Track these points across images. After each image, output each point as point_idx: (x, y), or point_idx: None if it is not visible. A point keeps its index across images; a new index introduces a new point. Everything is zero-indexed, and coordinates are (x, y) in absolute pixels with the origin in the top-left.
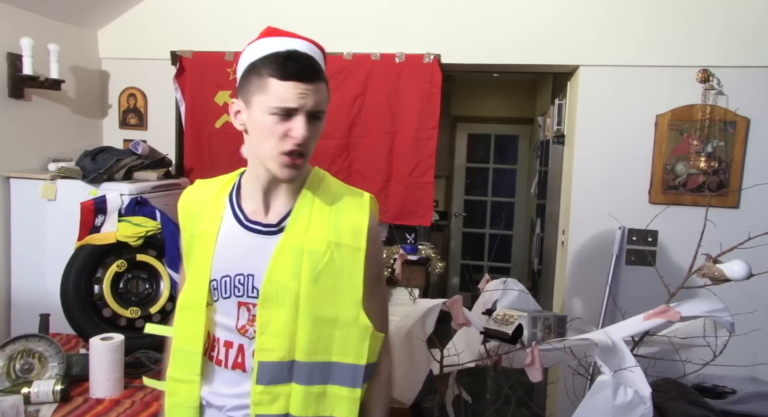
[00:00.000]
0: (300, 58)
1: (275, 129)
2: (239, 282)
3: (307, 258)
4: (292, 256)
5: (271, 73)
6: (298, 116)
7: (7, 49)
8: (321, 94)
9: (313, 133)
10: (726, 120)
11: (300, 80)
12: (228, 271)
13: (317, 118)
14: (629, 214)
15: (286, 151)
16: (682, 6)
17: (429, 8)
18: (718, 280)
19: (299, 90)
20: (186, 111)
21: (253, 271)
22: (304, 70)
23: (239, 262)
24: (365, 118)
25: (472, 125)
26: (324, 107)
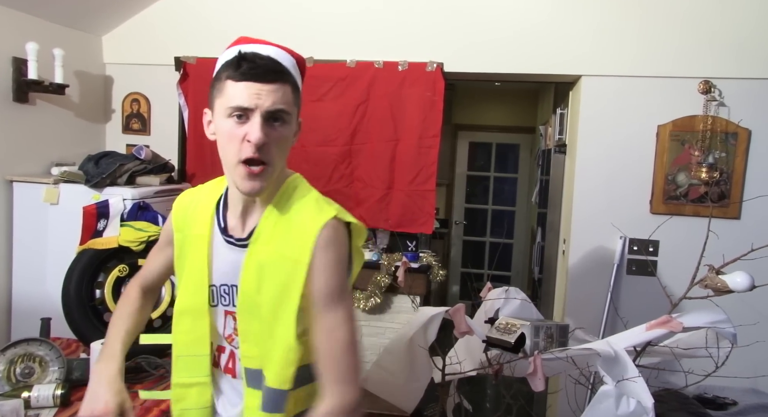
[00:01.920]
0: (255, 59)
1: (233, 133)
2: (224, 292)
3: (267, 271)
4: (255, 270)
5: (227, 75)
6: (254, 117)
7: (12, 54)
8: (282, 95)
9: (273, 138)
10: (727, 131)
11: (254, 80)
12: (215, 281)
13: (279, 120)
14: (630, 223)
15: (244, 159)
16: (685, 18)
17: (432, 17)
18: (720, 291)
19: (254, 90)
20: (189, 116)
21: (235, 282)
22: (257, 69)
23: (224, 273)
24: (368, 126)
25: (474, 133)
26: (288, 108)
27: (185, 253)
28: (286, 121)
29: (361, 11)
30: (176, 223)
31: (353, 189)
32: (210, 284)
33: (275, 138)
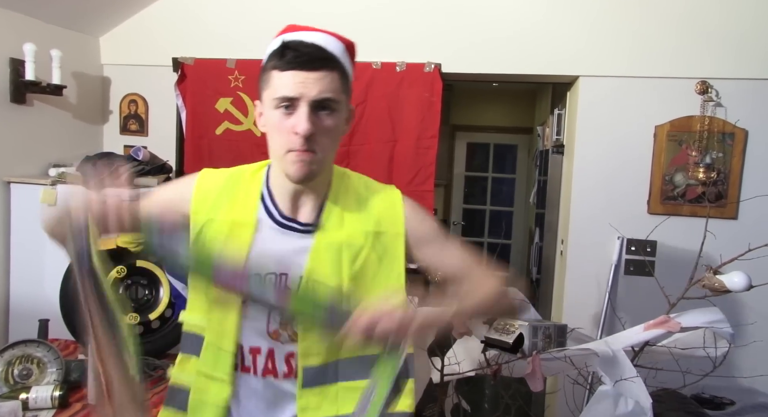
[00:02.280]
0: (300, 47)
1: (281, 125)
2: (270, 282)
3: (346, 253)
4: (329, 253)
5: (273, 65)
6: (300, 107)
7: (9, 55)
8: (329, 82)
9: (321, 128)
10: (724, 131)
11: (299, 68)
12: (259, 269)
13: (327, 109)
14: (628, 224)
15: (292, 149)
16: (682, 18)
17: (430, 18)
18: (718, 291)
19: (298, 78)
20: (187, 117)
21: (286, 270)
22: (302, 57)
23: (272, 261)
24: (366, 127)
25: (472, 134)
26: (336, 96)
27: (208, 239)
28: (334, 110)
29: (358, 12)
30: (197, 205)
31: None
32: None
33: (323, 128)
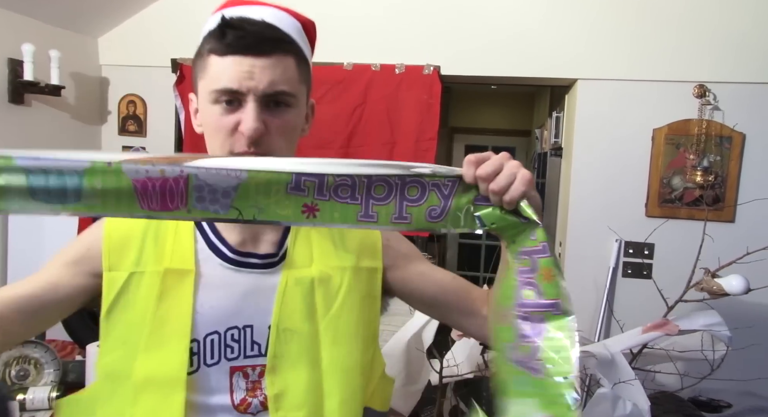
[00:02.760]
0: (244, 25)
1: (221, 123)
2: (232, 339)
3: (320, 293)
4: (300, 292)
5: (210, 48)
6: (247, 103)
7: (8, 55)
8: (282, 71)
9: (274, 126)
10: (722, 135)
11: (244, 52)
12: (216, 326)
13: (281, 104)
14: (626, 226)
15: (236, 152)
16: (680, 22)
17: (429, 20)
18: (716, 294)
19: (243, 66)
20: (186, 118)
21: (249, 322)
22: (247, 39)
23: (231, 313)
24: (364, 129)
25: (470, 136)
26: (291, 88)
27: (134, 299)
28: (290, 104)
29: (357, 14)
30: (112, 259)
31: None
32: (193, 338)
33: (277, 127)
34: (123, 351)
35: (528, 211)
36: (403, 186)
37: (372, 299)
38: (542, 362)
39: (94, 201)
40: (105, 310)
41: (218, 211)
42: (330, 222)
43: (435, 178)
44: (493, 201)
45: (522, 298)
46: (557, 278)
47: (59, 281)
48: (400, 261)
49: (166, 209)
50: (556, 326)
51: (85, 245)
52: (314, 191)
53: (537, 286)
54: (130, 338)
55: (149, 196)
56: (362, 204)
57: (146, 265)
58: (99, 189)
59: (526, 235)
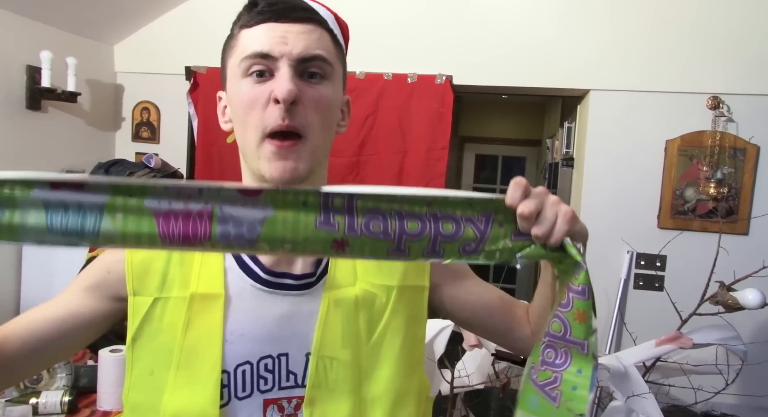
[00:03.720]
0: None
1: (253, 94)
2: (266, 369)
3: (364, 316)
4: (341, 315)
5: (241, 23)
6: (280, 69)
7: (26, 62)
8: (317, 38)
9: (310, 97)
10: (736, 147)
11: (277, 18)
12: (248, 356)
13: (316, 75)
14: (638, 238)
15: (269, 131)
16: (694, 33)
17: (442, 30)
18: (731, 308)
19: (277, 32)
20: (198, 126)
21: (285, 350)
22: (279, 5)
23: (264, 340)
24: (376, 137)
25: (480, 146)
26: (329, 55)
27: (160, 327)
28: (326, 76)
29: (370, 24)
30: (136, 284)
31: None
32: (223, 370)
33: (311, 99)
34: (150, 383)
35: (572, 252)
36: (436, 221)
37: (418, 320)
38: (560, 393)
39: (113, 233)
40: (130, 338)
41: (243, 245)
42: (360, 255)
43: (468, 210)
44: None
45: (551, 329)
46: (590, 322)
47: (79, 308)
48: (449, 278)
49: (188, 243)
50: (579, 364)
51: (105, 268)
52: (345, 227)
53: (566, 324)
54: (157, 369)
55: (171, 230)
56: (394, 240)
57: (171, 289)
58: (119, 222)
59: (570, 270)
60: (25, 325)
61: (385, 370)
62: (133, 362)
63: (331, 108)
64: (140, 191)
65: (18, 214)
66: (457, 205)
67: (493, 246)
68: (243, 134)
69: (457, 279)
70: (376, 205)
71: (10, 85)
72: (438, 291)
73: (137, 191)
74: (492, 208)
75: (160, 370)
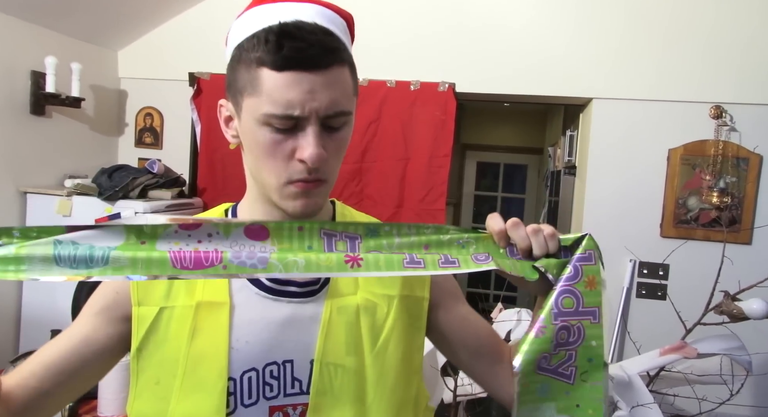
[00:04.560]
0: (303, 34)
1: (276, 148)
2: (272, 376)
3: (366, 322)
4: (344, 322)
5: (261, 59)
6: (308, 128)
7: (31, 67)
8: (341, 86)
9: (332, 149)
10: (739, 156)
11: (305, 68)
12: (254, 363)
13: (338, 127)
14: (640, 247)
15: (294, 180)
16: (697, 42)
17: (445, 38)
18: (736, 318)
19: (305, 85)
20: (201, 132)
21: (290, 356)
22: (307, 52)
23: (269, 347)
24: (378, 144)
25: (481, 153)
26: (347, 106)
27: (166, 336)
28: (346, 123)
29: (374, 31)
30: (140, 295)
31: (363, 207)
32: (228, 377)
33: (333, 149)
34: (156, 393)
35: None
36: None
37: (417, 330)
38: (575, 368)
39: (123, 263)
40: (135, 348)
41: (256, 266)
42: (375, 270)
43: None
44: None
45: (561, 307)
46: (599, 287)
47: (92, 333)
48: (449, 300)
49: (200, 268)
50: (592, 335)
51: (113, 289)
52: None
53: (578, 295)
54: (163, 378)
55: (183, 258)
56: (406, 253)
57: (177, 298)
58: (129, 257)
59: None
60: (40, 361)
61: (388, 378)
62: (138, 372)
63: (346, 146)
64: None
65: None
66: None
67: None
68: (261, 173)
69: (456, 302)
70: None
71: (15, 90)
72: (435, 310)
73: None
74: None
75: (166, 379)
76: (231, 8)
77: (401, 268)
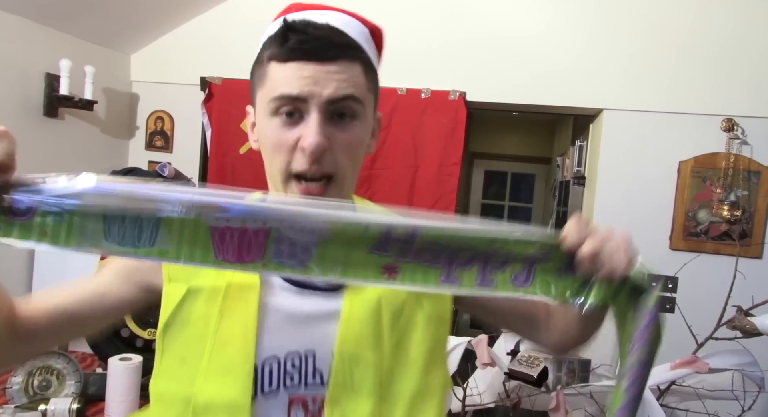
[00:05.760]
0: (308, 28)
1: (280, 138)
2: (292, 365)
3: (386, 313)
4: (365, 315)
5: (270, 54)
6: (309, 113)
7: (46, 70)
8: (348, 77)
9: (339, 142)
10: (750, 170)
11: (307, 58)
12: (276, 351)
13: (346, 115)
14: (649, 259)
15: (295, 173)
16: (709, 55)
17: (457, 46)
18: (749, 333)
19: (307, 72)
20: (212, 136)
21: (312, 347)
22: (311, 43)
23: (292, 337)
24: (388, 152)
25: (490, 162)
26: (361, 94)
27: (194, 315)
28: (357, 116)
29: (385, 39)
30: (171, 271)
31: None
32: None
33: (342, 142)
34: (181, 371)
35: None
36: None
37: (441, 320)
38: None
39: (168, 246)
40: (162, 325)
41: (295, 266)
42: (411, 283)
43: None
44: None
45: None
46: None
47: (108, 290)
48: None
49: (241, 261)
50: None
51: (130, 264)
52: (397, 253)
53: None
54: (189, 357)
55: (226, 246)
56: (444, 267)
57: (207, 277)
58: (175, 235)
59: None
60: (52, 299)
61: (408, 370)
62: (163, 350)
63: (360, 145)
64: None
65: (77, 221)
66: (519, 244)
67: (546, 277)
68: (270, 170)
69: None
70: (437, 238)
71: (29, 92)
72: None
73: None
74: (549, 249)
75: (192, 359)
76: (243, 14)
77: (436, 285)
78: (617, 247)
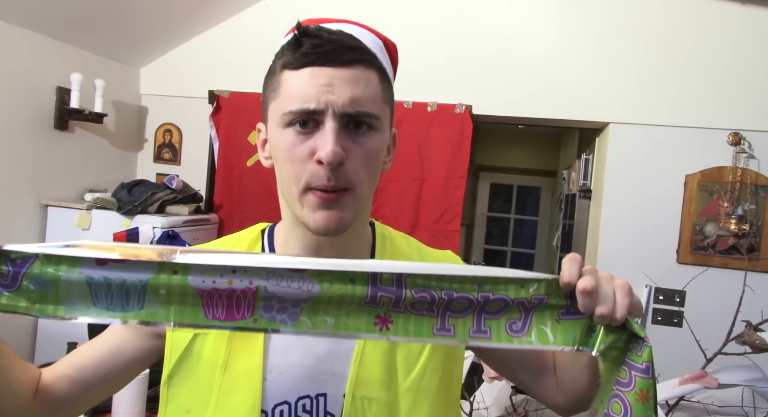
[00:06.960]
0: (322, 33)
1: (294, 150)
2: (304, 410)
3: (401, 351)
4: (379, 353)
5: (284, 62)
6: (325, 123)
7: (57, 83)
8: (365, 85)
9: (356, 154)
10: (757, 183)
11: (323, 62)
12: (286, 396)
13: (362, 126)
14: (656, 272)
15: (312, 186)
16: (715, 69)
17: (463, 60)
18: (759, 349)
19: (322, 79)
20: (219, 148)
21: (323, 389)
22: (325, 47)
23: (303, 380)
24: (394, 164)
25: (495, 175)
26: (377, 108)
27: (199, 363)
28: (373, 127)
29: None
30: None
31: None
32: (262, 409)
33: (358, 155)
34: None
35: (636, 328)
36: (486, 302)
37: (455, 360)
38: None
39: (157, 309)
40: (167, 375)
41: (286, 321)
42: (404, 335)
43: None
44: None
45: (611, 411)
46: (651, 403)
47: (123, 344)
48: None
49: (231, 319)
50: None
51: None
52: (389, 304)
53: (628, 406)
54: (194, 407)
55: (215, 305)
56: (438, 316)
57: None
58: (163, 298)
59: (633, 348)
60: (72, 364)
61: (421, 411)
62: (168, 400)
63: (378, 158)
64: (184, 269)
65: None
66: (510, 286)
67: (542, 326)
68: (283, 182)
69: None
70: (425, 283)
71: (41, 105)
72: None
73: (182, 269)
74: (544, 291)
75: (198, 409)
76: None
77: (430, 335)
78: (619, 286)
